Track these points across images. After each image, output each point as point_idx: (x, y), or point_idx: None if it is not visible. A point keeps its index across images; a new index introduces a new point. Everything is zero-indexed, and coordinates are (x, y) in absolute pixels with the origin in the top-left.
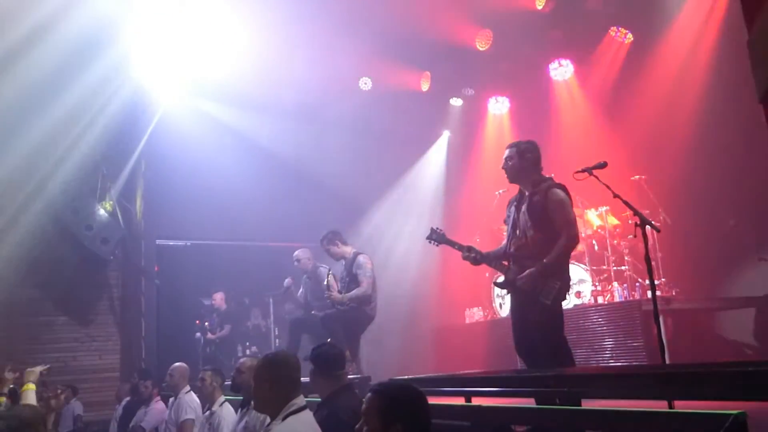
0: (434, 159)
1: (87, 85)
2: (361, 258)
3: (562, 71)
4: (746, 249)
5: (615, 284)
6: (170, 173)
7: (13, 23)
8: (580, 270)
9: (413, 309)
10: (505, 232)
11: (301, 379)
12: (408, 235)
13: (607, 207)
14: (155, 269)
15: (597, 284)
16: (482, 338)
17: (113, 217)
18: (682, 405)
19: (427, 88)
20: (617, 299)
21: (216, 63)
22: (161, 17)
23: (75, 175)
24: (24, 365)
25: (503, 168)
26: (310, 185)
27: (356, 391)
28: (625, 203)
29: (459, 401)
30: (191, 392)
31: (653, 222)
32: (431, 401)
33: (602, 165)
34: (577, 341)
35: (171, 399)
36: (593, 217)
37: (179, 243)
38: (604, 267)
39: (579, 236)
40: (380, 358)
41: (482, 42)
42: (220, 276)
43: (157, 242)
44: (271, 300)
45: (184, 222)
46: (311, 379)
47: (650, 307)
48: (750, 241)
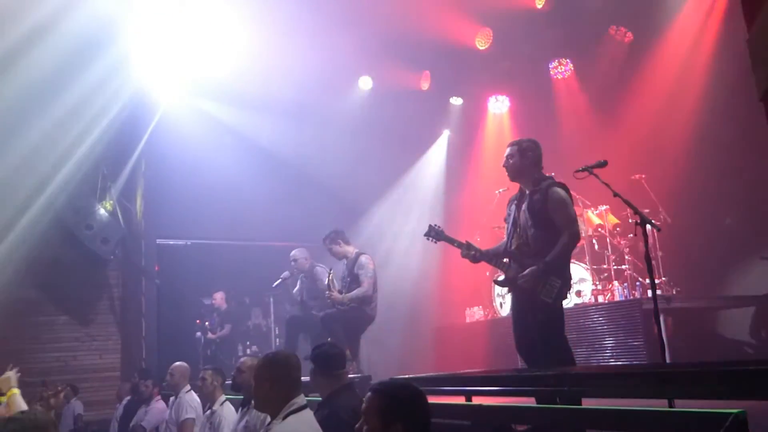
0: (434, 158)
1: (87, 85)
2: (363, 258)
3: (562, 70)
4: (747, 248)
5: (615, 283)
6: (170, 173)
7: (14, 23)
8: (581, 269)
9: (414, 308)
10: (505, 231)
11: (302, 379)
12: (408, 235)
13: (608, 206)
14: (155, 269)
15: (597, 283)
16: (483, 337)
17: (113, 217)
18: (683, 404)
19: (427, 88)
20: (618, 298)
21: (216, 63)
22: (161, 17)
23: (75, 175)
24: (24, 364)
25: (504, 166)
26: (311, 185)
27: (357, 391)
28: (626, 202)
29: (459, 400)
30: (192, 391)
31: (653, 221)
32: (432, 400)
33: (602, 164)
34: (578, 340)
35: (171, 398)
36: (593, 216)
37: (179, 242)
38: (605, 266)
39: (580, 235)
40: (381, 358)
41: (482, 41)
42: (221, 275)
43: (158, 242)
44: (272, 299)
45: (185, 221)
46: (312, 379)
47: (650, 306)
48: (750, 240)
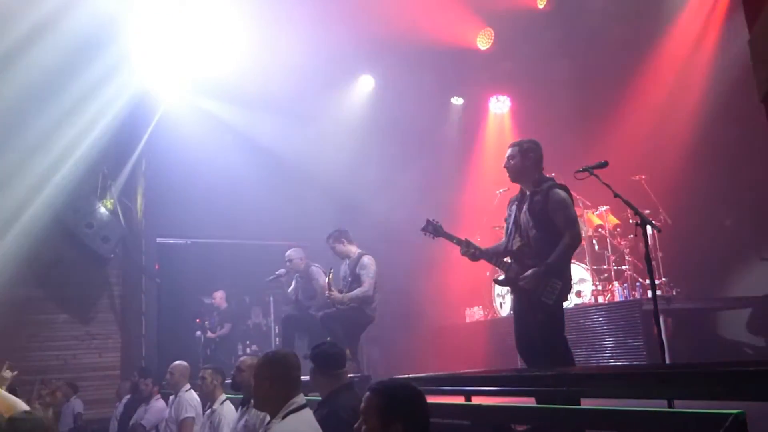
0: (435, 157)
1: (88, 84)
2: (366, 259)
3: (563, 70)
4: (747, 249)
5: (615, 284)
6: (171, 172)
7: (14, 22)
8: (581, 269)
9: (413, 308)
10: (505, 231)
11: (301, 378)
12: (409, 233)
13: (608, 206)
14: (156, 267)
15: (597, 284)
16: (482, 337)
17: (114, 216)
18: (682, 404)
19: (428, 87)
20: (618, 299)
21: (217, 62)
22: (162, 16)
23: (75, 174)
24: (24, 363)
25: (505, 167)
26: (311, 184)
27: (356, 390)
28: (626, 203)
29: (459, 400)
30: (191, 390)
31: (654, 222)
32: (431, 400)
33: (603, 164)
34: (578, 340)
35: (171, 397)
36: (594, 217)
37: (180, 241)
38: (605, 266)
39: (581, 237)
40: (380, 357)
41: (484, 41)
42: (221, 274)
43: (158, 240)
44: (272, 298)
45: (185, 220)
46: (311, 378)
47: (650, 307)
48: (750, 241)
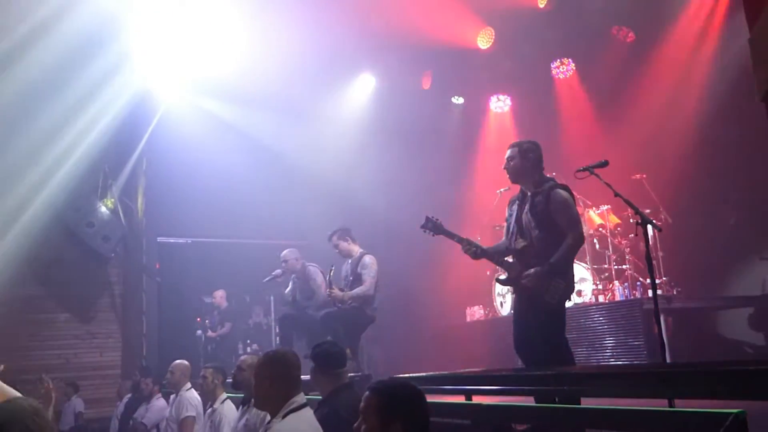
0: (435, 157)
1: (89, 83)
2: (368, 258)
3: (564, 69)
4: (747, 248)
5: (616, 283)
6: (171, 171)
7: (16, 21)
8: (582, 269)
9: (414, 307)
10: (505, 231)
11: (302, 377)
12: (409, 233)
13: (608, 206)
14: (156, 267)
15: (598, 283)
16: (483, 337)
17: (114, 215)
18: (683, 404)
19: (429, 87)
20: (618, 298)
21: (217, 61)
22: (163, 15)
23: (76, 173)
24: (25, 362)
25: (505, 168)
26: (311, 183)
27: (356, 390)
28: (626, 202)
29: (459, 399)
30: (192, 389)
31: (654, 221)
32: (432, 399)
33: (603, 164)
34: (578, 340)
35: (172, 396)
36: (594, 216)
37: (180, 240)
38: (605, 266)
39: (584, 237)
40: (381, 356)
41: (484, 40)
42: (221, 274)
43: (159, 240)
44: (272, 298)
45: (186, 219)
46: (312, 377)
47: (651, 306)
48: (751, 241)
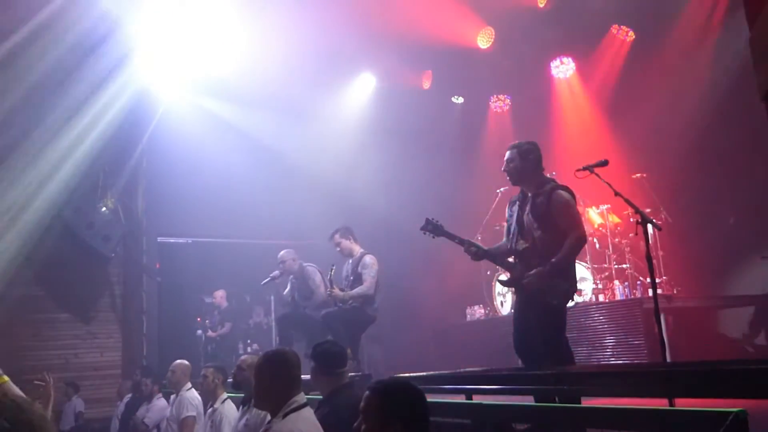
0: (435, 156)
1: (89, 83)
2: (368, 258)
3: (564, 69)
4: (747, 247)
5: (616, 282)
6: (172, 171)
7: (16, 20)
8: (582, 268)
9: (414, 307)
10: (505, 231)
11: (302, 377)
12: (409, 233)
13: (609, 205)
14: (157, 266)
15: (598, 282)
16: (483, 336)
17: (115, 215)
18: (683, 403)
19: (429, 86)
20: (618, 297)
21: (218, 61)
22: (163, 15)
23: (76, 173)
24: (25, 362)
25: (505, 170)
26: (312, 183)
27: (357, 389)
28: (627, 201)
29: (460, 399)
30: (192, 389)
31: (654, 220)
32: (432, 399)
33: (603, 163)
34: (578, 339)
35: (172, 396)
36: (594, 216)
37: (181, 240)
38: (606, 265)
39: (586, 237)
40: (381, 356)
41: (484, 40)
42: (222, 273)
43: (159, 239)
44: (273, 297)
45: (186, 219)
46: (312, 377)
47: (651, 305)
48: (751, 240)
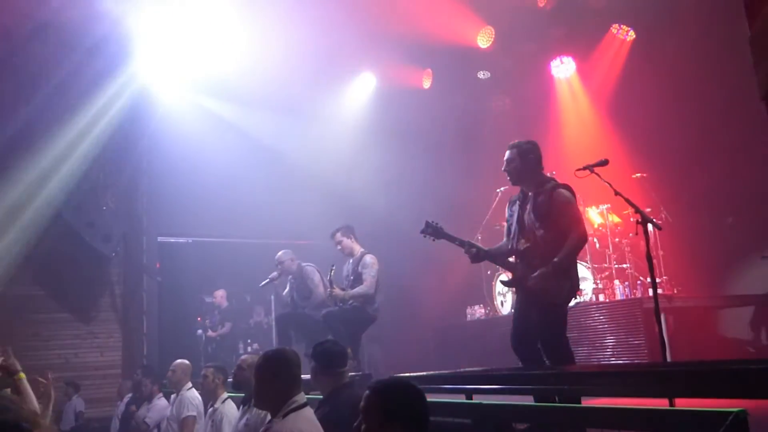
0: (435, 156)
1: (89, 82)
2: (368, 258)
3: (564, 68)
4: (747, 247)
5: (616, 282)
6: (172, 170)
7: (17, 19)
8: (582, 268)
9: (414, 306)
10: (506, 231)
11: (302, 377)
12: (409, 232)
13: (609, 205)
14: (157, 266)
15: (598, 282)
16: (483, 336)
17: (115, 214)
18: (683, 403)
19: (429, 86)
20: (618, 297)
21: (218, 60)
22: (164, 14)
23: (77, 172)
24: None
25: (505, 170)
26: (312, 183)
27: (357, 389)
28: (627, 201)
29: (460, 399)
30: (193, 389)
31: (654, 220)
32: (432, 399)
33: (604, 162)
34: (579, 339)
35: (173, 395)
36: (594, 215)
37: (181, 240)
38: (606, 265)
39: (587, 236)
40: (381, 356)
41: (484, 39)
42: (222, 273)
43: (159, 239)
44: (273, 297)
45: (186, 219)
46: (312, 376)
47: (651, 305)
48: (751, 239)
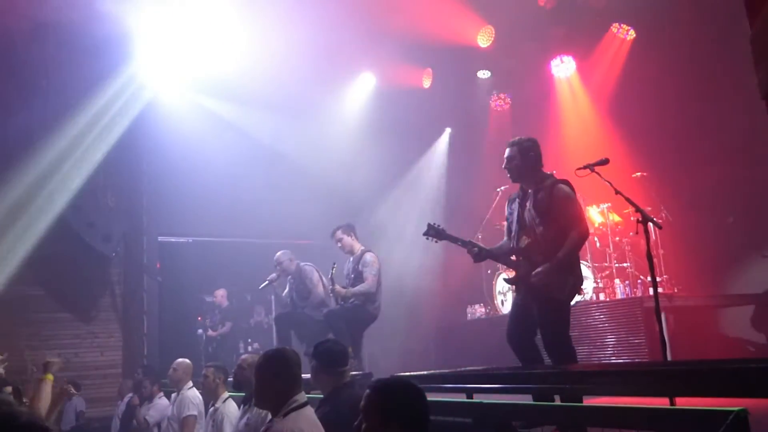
0: (436, 156)
1: (90, 83)
2: (369, 256)
3: (564, 68)
4: (748, 246)
5: (617, 281)
6: (172, 170)
7: (17, 19)
8: (582, 267)
9: (415, 306)
10: (506, 230)
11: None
12: (409, 233)
13: (609, 204)
14: (157, 266)
15: (599, 281)
16: (484, 335)
17: (115, 214)
18: (684, 402)
19: (429, 85)
20: (619, 296)
21: (218, 60)
22: (164, 14)
23: (77, 172)
24: (26, 361)
25: (505, 168)
26: (313, 182)
27: (358, 388)
28: (627, 200)
29: (461, 398)
30: (194, 388)
31: (655, 219)
32: (433, 398)
33: (604, 162)
34: (579, 338)
35: (173, 395)
36: (595, 214)
37: (181, 240)
38: (606, 264)
39: (589, 230)
40: (382, 355)
41: (484, 39)
42: (222, 273)
43: (159, 239)
44: (273, 297)
45: (186, 219)
46: (313, 375)
47: (652, 304)
48: (752, 238)
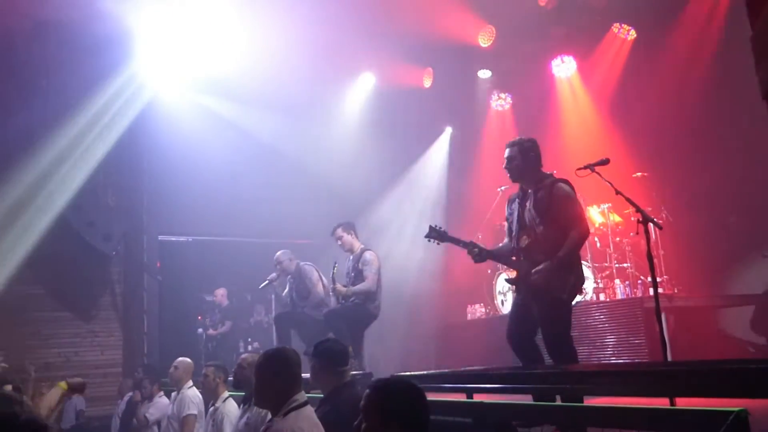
0: (436, 155)
1: (90, 82)
2: (368, 255)
3: (565, 68)
4: (748, 246)
5: (617, 281)
6: (172, 169)
7: (17, 19)
8: (583, 267)
9: (415, 305)
10: (507, 230)
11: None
12: (410, 232)
13: (609, 204)
14: (157, 265)
15: (599, 281)
16: (484, 335)
17: (115, 213)
18: (684, 402)
19: (429, 85)
20: (619, 296)
21: (218, 59)
22: (164, 14)
23: (77, 171)
24: (25, 361)
25: (506, 168)
26: (313, 182)
27: (358, 388)
28: (628, 200)
29: (461, 398)
30: (194, 387)
31: (655, 219)
32: (433, 398)
33: (604, 162)
34: (579, 338)
35: (173, 394)
36: (595, 214)
37: (181, 239)
38: (606, 264)
39: (589, 229)
40: (382, 355)
41: (485, 39)
42: (222, 272)
43: (160, 238)
44: (273, 296)
45: (187, 218)
46: (313, 375)
47: (652, 305)
48: (752, 239)
